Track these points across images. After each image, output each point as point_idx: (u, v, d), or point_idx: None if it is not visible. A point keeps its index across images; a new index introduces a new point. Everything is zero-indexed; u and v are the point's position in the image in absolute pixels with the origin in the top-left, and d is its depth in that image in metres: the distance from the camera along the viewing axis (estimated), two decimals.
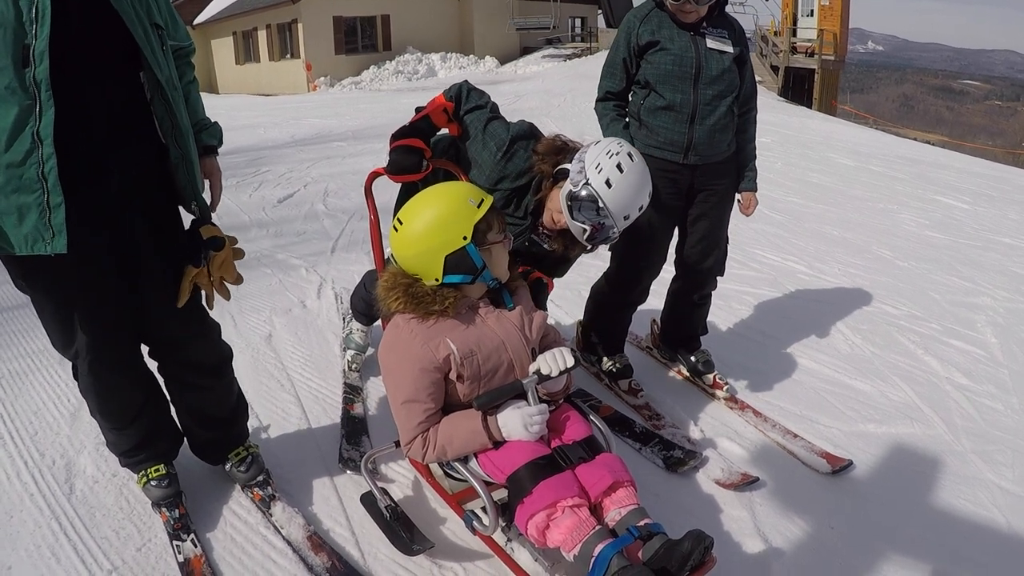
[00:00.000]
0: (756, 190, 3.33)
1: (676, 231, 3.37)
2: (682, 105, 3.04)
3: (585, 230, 2.50)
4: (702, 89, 3.04)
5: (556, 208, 2.57)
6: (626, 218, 2.50)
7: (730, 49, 3.06)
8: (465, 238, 2.15)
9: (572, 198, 2.48)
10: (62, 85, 1.88)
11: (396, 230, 2.23)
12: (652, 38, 3.05)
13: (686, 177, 3.17)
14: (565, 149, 2.60)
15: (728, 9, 3.17)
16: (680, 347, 3.67)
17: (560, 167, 2.56)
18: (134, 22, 2.01)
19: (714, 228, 3.31)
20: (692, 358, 3.61)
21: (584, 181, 2.44)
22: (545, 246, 2.73)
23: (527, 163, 2.60)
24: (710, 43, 3.04)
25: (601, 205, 2.43)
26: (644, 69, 3.11)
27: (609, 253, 3.41)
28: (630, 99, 3.25)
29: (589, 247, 2.65)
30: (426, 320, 2.19)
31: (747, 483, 2.83)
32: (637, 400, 3.44)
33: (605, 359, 3.59)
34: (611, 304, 3.53)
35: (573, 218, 2.50)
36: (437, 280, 2.19)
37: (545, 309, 3.05)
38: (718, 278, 3.52)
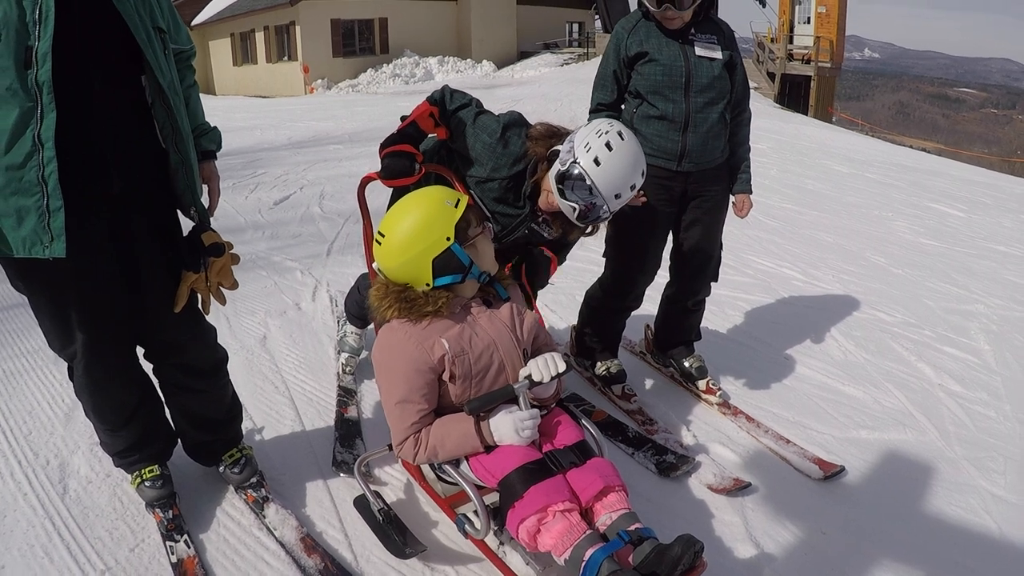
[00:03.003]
0: (751, 192, 3.33)
1: (670, 237, 3.39)
2: (674, 114, 3.05)
3: (575, 209, 2.49)
4: (693, 97, 3.05)
5: (550, 188, 2.57)
6: (617, 197, 2.49)
7: (719, 55, 3.07)
8: (449, 239, 2.18)
9: (561, 178, 2.48)
10: (64, 87, 1.88)
11: (379, 243, 2.25)
12: (641, 49, 3.06)
13: (679, 184, 3.18)
14: (558, 133, 2.62)
15: None
16: (673, 352, 3.67)
17: (553, 149, 2.56)
18: (137, 25, 2.01)
19: (708, 234, 3.32)
20: (685, 363, 3.61)
21: (572, 160, 2.45)
22: (545, 234, 2.74)
23: (522, 148, 2.62)
24: (699, 51, 3.04)
25: (589, 183, 2.43)
26: (635, 80, 3.12)
27: (604, 259, 3.42)
28: (623, 108, 3.26)
29: (585, 228, 2.66)
30: (420, 322, 2.21)
31: (739, 488, 2.83)
32: (630, 405, 3.43)
33: (599, 364, 3.59)
34: (605, 309, 3.54)
35: (563, 198, 2.50)
36: (428, 285, 2.22)
37: (546, 284, 3.05)
38: (712, 284, 3.53)
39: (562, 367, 2.21)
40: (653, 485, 2.88)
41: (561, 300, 4.65)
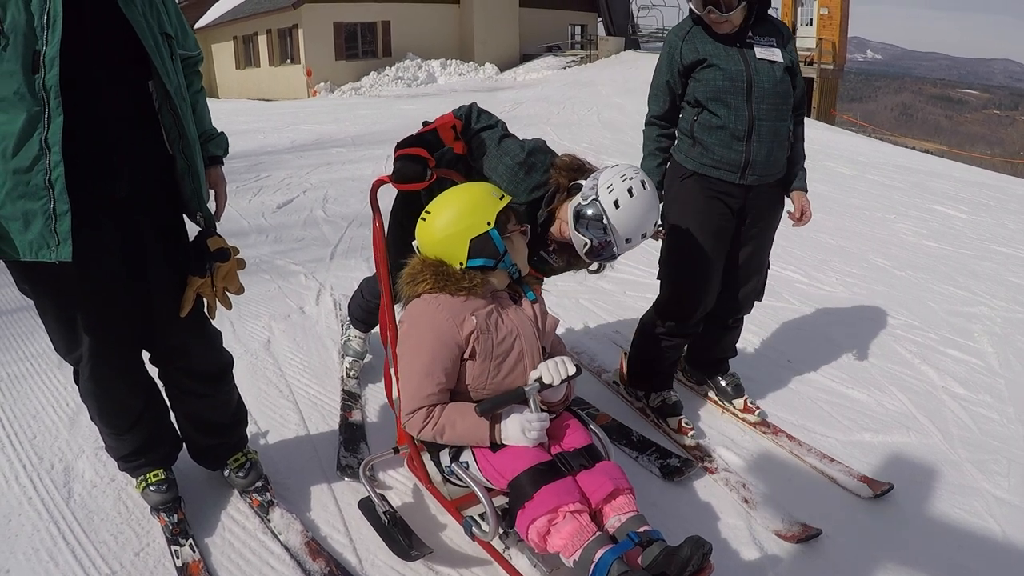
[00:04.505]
0: (807, 190, 3.19)
1: None
2: (736, 123, 2.89)
3: (587, 243, 2.53)
4: (756, 104, 2.89)
5: (565, 219, 2.60)
6: (628, 241, 2.53)
7: (780, 58, 2.93)
8: (489, 223, 2.25)
9: (579, 212, 2.51)
10: (72, 92, 1.89)
11: (424, 220, 2.33)
12: (697, 56, 2.91)
13: (739, 198, 3.03)
14: (584, 168, 2.66)
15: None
16: (709, 370, 3.56)
17: (575, 182, 2.60)
18: (144, 31, 2.02)
19: (758, 253, 3.21)
20: (722, 382, 3.50)
21: (594, 197, 2.48)
22: (552, 261, 2.76)
23: (544, 176, 2.64)
24: (759, 52, 2.90)
25: (606, 223, 2.47)
26: (693, 87, 2.97)
27: (659, 280, 3.27)
28: (681, 116, 3.09)
29: (588, 263, 2.68)
30: (455, 296, 2.25)
31: (808, 536, 2.63)
32: (687, 440, 3.20)
33: (653, 395, 3.40)
34: (662, 336, 3.28)
35: (577, 230, 2.53)
36: (461, 264, 2.27)
37: None
38: (755, 301, 3.39)
39: (572, 370, 2.23)
40: (657, 489, 2.88)
41: (565, 304, 4.65)
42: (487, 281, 2.30)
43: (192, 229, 2.37)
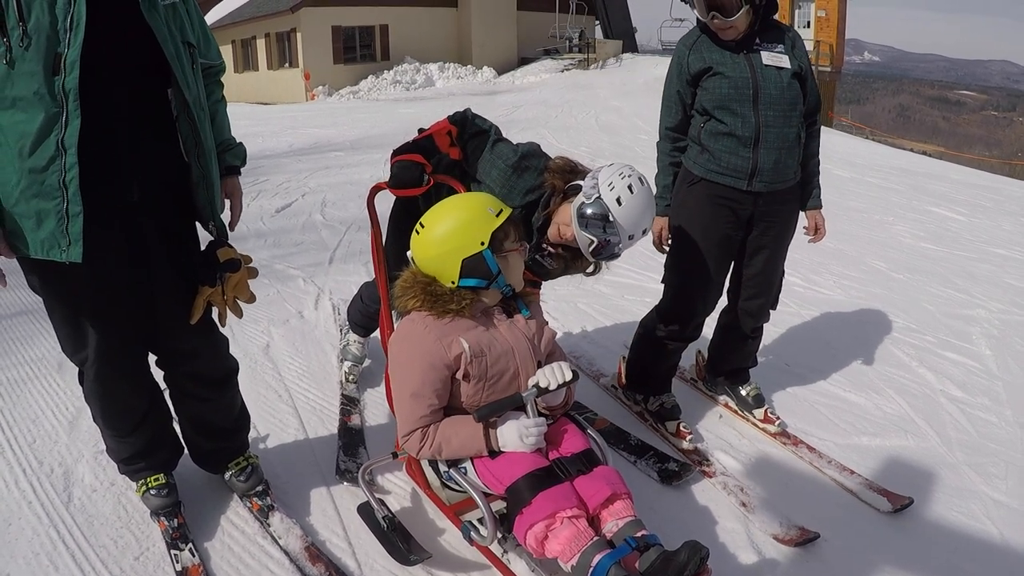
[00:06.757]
0: (821, 207, 3.23)
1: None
2: (743, 129, 2.88)
3: (592, 242, 2.54)
4: (763, 111, 2.87)
5: (564, 221, 2.62)
6: (631, 237, 2.55)
7: (787, 64, 2.89)
8: (483, 243, 2.20)
9: (583, 211, 2.53)
10: (90, 95, 1.91)
11: (418, 233, 2.29)
12: (704, 64, 2.91)
13: (748, 206, 3.01)
14: (577, 169, 2.68)
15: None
16: (729, 380, 3.54)
17: (572, 183, 2.61)
18: (166, 39, 2.04)
19: (772, 262, 3.19)
20: (742, 392, 3.47)
21: (596, 196, 2.50)
22: (547, 265, 2.76)
23: (537, 180, 2.65)
24: (766, 59, 2.88)
25: (611, 219, 2.49)
26: (700, 96, 2.97)
27: (662, 284, 3.29)
28: (690, 124, 3.08)
29: (592, 262, 2.70)
30: (442, 318, 2.23)
31: (806, 539, 2.62)
32: (685, 444, 3.20)
33: (651, 399, 3.40)
34: (663, 339, 3.29)
35: (581, 230, 2.54)
36: (453, 283, 2.24)
37: None
38: (771, 311, 3.38)
39: (569, 375, 2.22)
40: (655, 493, 2.89)
41: (563, 308, 4.65)
42: (478, 300, 2.28)
43: (205, 237, 2.39)
